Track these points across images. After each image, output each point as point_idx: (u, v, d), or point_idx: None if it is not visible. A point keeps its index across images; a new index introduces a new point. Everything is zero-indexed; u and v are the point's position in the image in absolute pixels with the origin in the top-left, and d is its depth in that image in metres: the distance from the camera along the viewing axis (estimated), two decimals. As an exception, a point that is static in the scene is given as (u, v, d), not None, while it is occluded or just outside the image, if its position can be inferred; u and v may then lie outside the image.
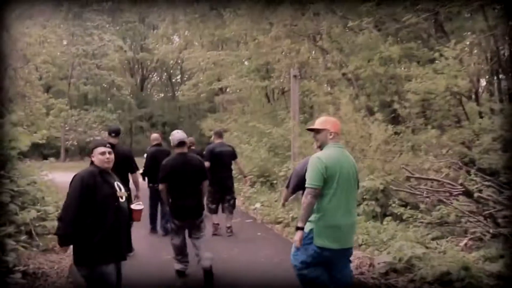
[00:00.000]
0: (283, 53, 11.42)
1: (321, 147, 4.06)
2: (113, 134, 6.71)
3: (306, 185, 3.89)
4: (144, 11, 35.51)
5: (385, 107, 10.33)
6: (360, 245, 6.60)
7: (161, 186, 5.86)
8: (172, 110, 41.63)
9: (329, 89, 10.83)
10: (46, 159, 29.63)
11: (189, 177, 5.72)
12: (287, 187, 5.32)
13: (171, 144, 5.92)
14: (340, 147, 4.09)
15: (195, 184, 5.81)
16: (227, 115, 17.75)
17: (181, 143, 5.81)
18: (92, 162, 4.05)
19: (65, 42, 33.06)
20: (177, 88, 40.95)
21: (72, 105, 34.72)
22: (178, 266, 5.95)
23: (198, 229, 5.80)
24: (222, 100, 28.09)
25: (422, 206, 7.14)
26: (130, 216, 4.26)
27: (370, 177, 7.74)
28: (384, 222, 7.16)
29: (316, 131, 4.10)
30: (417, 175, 7.36)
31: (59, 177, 20.42)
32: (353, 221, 4.10)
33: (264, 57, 15.66)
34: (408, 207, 7.38)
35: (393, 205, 7.44)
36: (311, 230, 3.93)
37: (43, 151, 34.50)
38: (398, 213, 7.25)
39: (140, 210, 4.89)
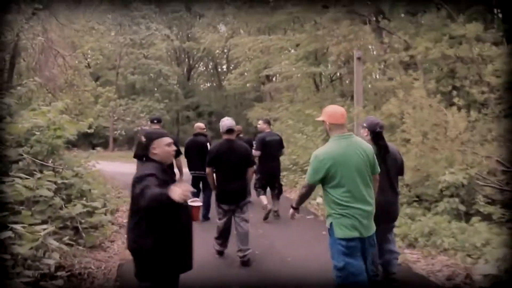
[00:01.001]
0: (341, 36, 10.45)
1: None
2: (155, 121, 7.34)
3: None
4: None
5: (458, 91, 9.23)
6: (445, 250, 5.67)
7: (207, 170, 6.06)
8: (218, 99, 41.17)
9: (393, 73, 9.76)
10: (95, 148, 29.88)
11: (234, 162, 5.85)
12: None
13: (220, 130, 6.03)
14: (345, 137, 3.86)
15: (241, 170, 5.92)
16: (277, 104, 16.86)
17: (229, 130, 5.96)
18: (147, 158, 3.43)
19: (112, 33, 32.92)
20: (223, 77, 40.38)
21: (120, 95, 34.75)
22: (217, 247, 6.23)
23: (241, 211, 5.97)
24: (269, 89, 27.37)
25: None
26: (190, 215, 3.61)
27: (450, 171, 6.74)
28: (471, 223, 6.17)
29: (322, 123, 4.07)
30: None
31: (107, 166, 20.30)
32: (370, 209, 3.85)
33: (316, 43, 14.76)
34: (498, 205, 6.36)
35: (480, 202, 6.45)
36: (331, 224, 3.85)
37: (92, 140, 34.75)
38: (485, 212, 6.27)
39: (198, 207, 4.37)
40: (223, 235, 6.11)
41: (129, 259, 4.42)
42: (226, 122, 6.03)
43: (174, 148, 3.52)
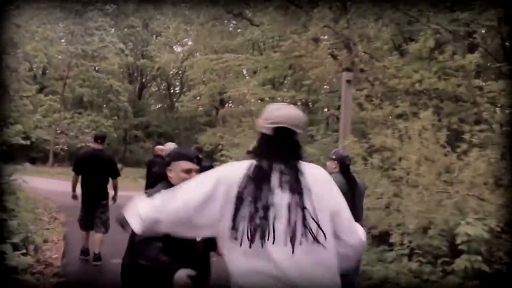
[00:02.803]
0: (322, 57, 9.17)
1: None
2: (99, 141, 6.78)
3: None
4: (149, 16, 33.50)
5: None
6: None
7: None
8: (169, 121, 39.18)
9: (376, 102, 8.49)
10: (34, 163, 26.95)
11: None
12: None
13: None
14: None
15: None
16: (240, 128, 15.36)
17: None
18: (162, 177, 2.93)
19: (63, 40, 30.62)
20: (175, 99, 38.66)
21: (65, 108, 32.21)
22: None
23: None
24: (225, 113, 25.97)
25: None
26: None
27: (467, 221, 5.38)
28: None
29: None
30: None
31: (43, 184, 17.94)
32: None
33: (285, 64, 13.50)
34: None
35: (502, 261, 5.12)
36: None
37: (30, 153, 31.81)
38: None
39: None
40: None
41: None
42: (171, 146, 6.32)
43: (193, 175, 2.77)
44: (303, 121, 2.16)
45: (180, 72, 37.83)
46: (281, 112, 2.12)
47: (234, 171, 2.02)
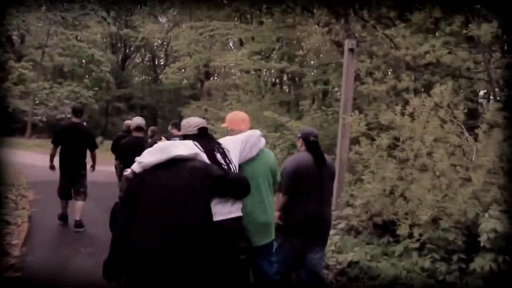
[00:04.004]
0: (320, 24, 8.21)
1: None
2: (78, 114, 6.98)
3: None
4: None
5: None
6: None
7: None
8: (153, 93, 37.91)
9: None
10: (12, 134, 25.65)
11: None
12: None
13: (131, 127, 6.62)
14: None
15: None
16: (227, 102, 14.39)
17: (139, 128, 6.31)
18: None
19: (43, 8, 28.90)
20: (159, 71, 37.34)
21: (45, 78, 30.74)
22: None
23: None
24: (210, 86, 24.99)
25: None
26: None
27: (489, 213, 4.58)
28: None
29: None
30: None
31: (17, 156, 16.84)
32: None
33: (273, 36, 12.53)
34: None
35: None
36: None
37: (8, 124, 30.40)
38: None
39: None
40: None
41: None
42: (137, 120, 6.44)
43: None
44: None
45: (164, 43, 36.48)
46: (196, 120, 3.43)
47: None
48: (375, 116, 6.91)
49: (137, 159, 2.97)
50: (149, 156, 2.93)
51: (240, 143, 3.40)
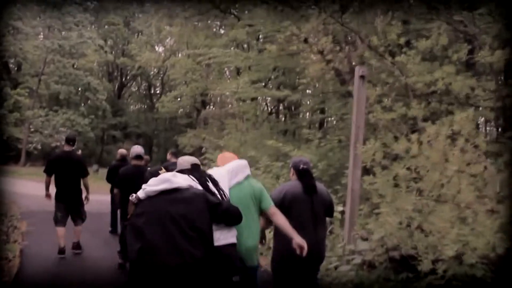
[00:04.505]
0: (322, 52, 7.98)
1: None
2: (70, 143, 7.07)
3: None
4: (131, 14, 32.04)
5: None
6: None
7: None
8: (149, 122, 37.64)
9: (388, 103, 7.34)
10: (6, 162, 25.14)
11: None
12: None
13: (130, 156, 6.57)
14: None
15: None
16: (226, 131, 14.08)
17: (138, 156, 6.29)
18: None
19: (40, 36, 28.84)
20: (155, 100, 37.20)
21: (41, 105, 30.41)
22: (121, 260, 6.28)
23: None
24: (207, 115, 24.77)
25: None
26: None
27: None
28: None
29: None
30: None
31: (11, 185, 16.34)
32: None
33: (271, 65, 12.36)
34: None
35: None
36: None
37: (2, 152, 29.86)
38: None
39: None
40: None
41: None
42: (136, 149, 6.42)
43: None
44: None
45: (161, 72, 36.46)
46: (190, 158, 3.83)
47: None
48: (383, 145, 6.62)
49: (144, 186, 3.34)
50: (155, 185, 3.28)
51: (227, 172, 3.81)
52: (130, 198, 3.34)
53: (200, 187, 3.43)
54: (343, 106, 11.57)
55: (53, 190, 6.97)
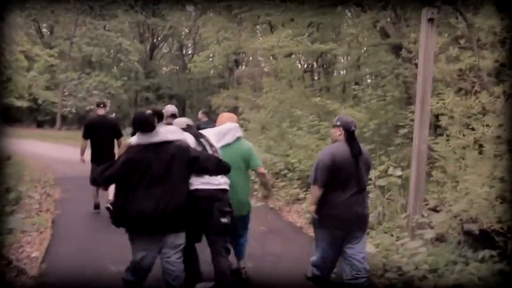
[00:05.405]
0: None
1: None
2: (101, 106, 7.46)
3: None
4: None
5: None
6: None
7: None
8: (181, 83, 36.99)
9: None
10: (41, 126, 25.06)
11: None
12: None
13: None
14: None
15: None
16: (265, 89, 13.22)
17: (173, 115, 6.30)
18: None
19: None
20: (187, 60, 36.42)
21: (74, 68, 30.13)
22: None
23: None
24: (241, 74, 23.91)
25: None
26: None
27: None
28: None
29: None
30: None
31: (46, 149, 16.10)
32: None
33: (318, 15, 11.33)
34: None
35: None
36: None
37: (38, 117, 29.96)
38: None
39: None
40: None
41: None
42: (170, 108, 6.55)
43: None
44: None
45: (192, 31, 35.50)
46: (185, 119, 4.41)
47: None
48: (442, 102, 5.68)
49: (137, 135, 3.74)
50: (148, 137, 3.66)
51: (218, 132, 4.32)
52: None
53: (194, 142, 3.94)
54: (390, 61, 10.54)
55: (88, 154, 7.27)
